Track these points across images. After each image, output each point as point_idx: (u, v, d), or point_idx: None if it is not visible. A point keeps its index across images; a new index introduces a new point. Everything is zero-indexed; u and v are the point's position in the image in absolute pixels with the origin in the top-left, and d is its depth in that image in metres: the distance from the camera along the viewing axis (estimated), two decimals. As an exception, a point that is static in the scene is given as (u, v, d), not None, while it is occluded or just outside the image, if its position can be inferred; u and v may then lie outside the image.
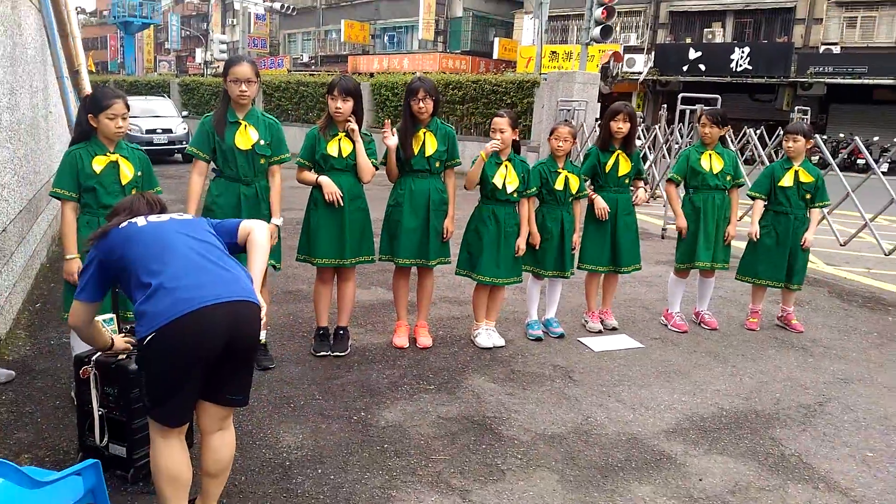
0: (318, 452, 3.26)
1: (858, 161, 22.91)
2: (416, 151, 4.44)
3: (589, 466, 3.24)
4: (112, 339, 2.81)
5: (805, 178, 5.23)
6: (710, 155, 5.19)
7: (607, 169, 5.02)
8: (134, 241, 2.36)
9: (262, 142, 3.98)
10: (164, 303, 2.18)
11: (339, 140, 4.24)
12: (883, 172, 7.69)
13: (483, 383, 4.17)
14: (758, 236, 5.29)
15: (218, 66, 41.82)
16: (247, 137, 3.92)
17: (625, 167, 5.02)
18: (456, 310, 5.60)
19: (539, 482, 3.09)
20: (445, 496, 2.95)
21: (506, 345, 4.80)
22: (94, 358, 2.90)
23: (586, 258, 5.13)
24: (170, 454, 2.39)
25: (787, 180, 5.23)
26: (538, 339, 4.95)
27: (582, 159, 5.32)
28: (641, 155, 12.40)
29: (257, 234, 2.56)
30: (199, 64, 46.17)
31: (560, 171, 4.83)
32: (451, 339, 4.92)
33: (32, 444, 3.19)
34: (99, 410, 2.90)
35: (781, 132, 10.83)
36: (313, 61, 42.35)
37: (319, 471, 3.11)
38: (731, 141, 11.29)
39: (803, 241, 5.25)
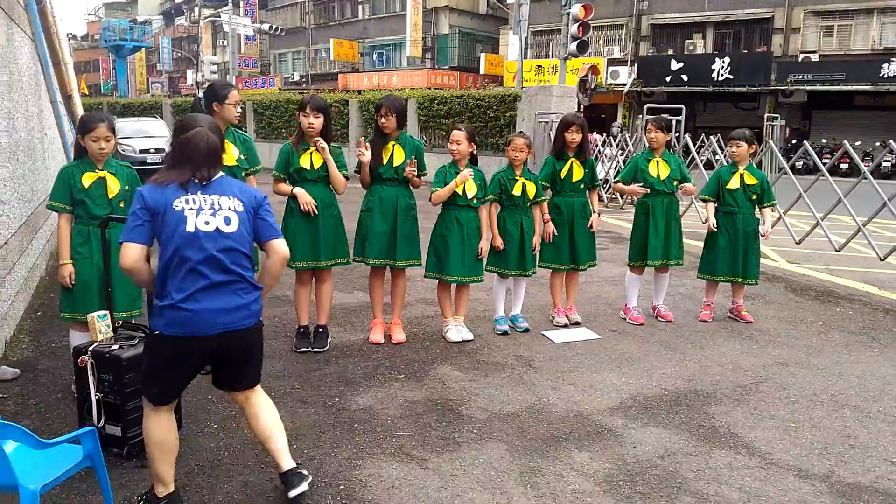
0: (294, 432, 3.63)
1: (842, 165, 23.37)
2: (384, 161, 4.85)
3: (536, 438, 3.62)
4: None
5: (750, 180, 5.65)
6: (657, 162, 5.61)
7: (562, 175, 5.43)
8: (173, 240, 2.62)
9: (241, 157, 4.38)
10: (175, 318, 2.60)
11: (311, 154, 4.65)
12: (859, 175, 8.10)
13: (449, 372, 4.55)
14: (716, 226, 5.65)
15: (210, 87, 42.24)
16: (230, 154, 4.32)
17: (578, 173, 5.44)
18: (431, 310, 5.98)
19: (490, 451, 3.47)
20: (405, 464, 3.33)
21: (474, 339, 5.19)
22: (90, 348, 3.28)
23: (548, 258, 5.53)
24: (157, 423, 2.80)
25: (733, 183, 5.65)
26: (504, 334, 5.34)
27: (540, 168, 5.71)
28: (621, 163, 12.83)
29: (270, 263, 2.89)
30: (191, 85, 46.75)
31: (517, 178, 5.24)
32: (424, 336, 5.30)
33: (38, 430, 3.53)
34: (96, 395, 3.27)
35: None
36: (304, 80, 42.91)
37: (295, 446, 3.47)
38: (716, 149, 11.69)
39: (764, 233, 5.64)
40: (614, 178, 5.72)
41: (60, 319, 4.05)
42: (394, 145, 4.89)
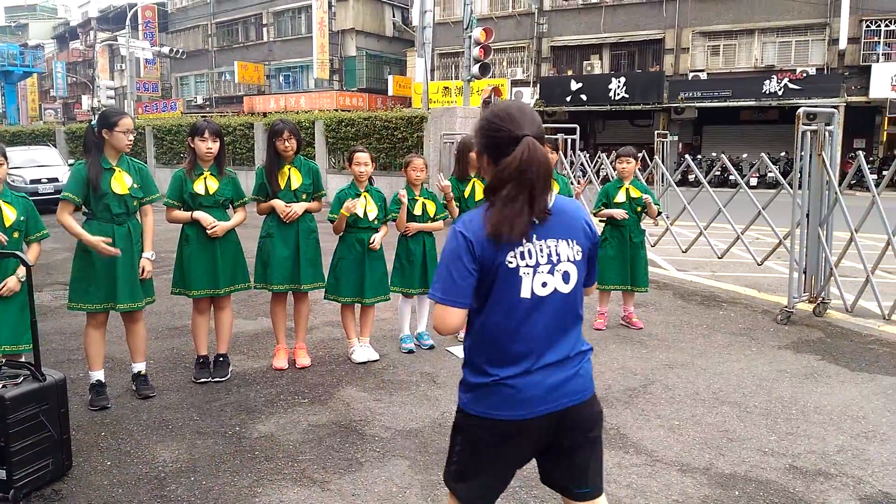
0: (191, 464, 3.59)
1: (730, 177, 24.81)
2: (282, 186, 4.87)
3: (438, 452, 3.71)
4: None
5: (635, 193, 5.99)
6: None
7: (466, 195, 5.58)
8: (499, 306, 1.97)
9: (135, 185, 4.30)
10: (494, 395, 1.98)
11: (205, 178, 4.62)
12: (752, 186, 8.75)
13: (354, 393, 4.59)
14: (624, 215, 5.92)
15: (107, 112, 40.89)
16: (122, 182, 4.23)
17: (481, 192, 5.62)
18: (337, 332, 5.99)
19: (392, 469, 3.53)
20: (306, 488, 3.35)
21: (380, 358, 5.24)
22: (-30, 390, 3.15)
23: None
24: None
25: (620, 197, 5.98)
26: (410, 352, 5.42)
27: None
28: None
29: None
30: (87, 111, 44.96)
31: (417, 198, 5.36)
32: (329, 359, 5.31)
33: (-88, 480, 3.36)
34: (-23, 438, 3.13)
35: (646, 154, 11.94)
36: (208, 103, 42.03)
37: (192, 478, 3.43)
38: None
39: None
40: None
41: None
42: (290, 169, 4.92)
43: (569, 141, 13.08)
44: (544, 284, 1.97)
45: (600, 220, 6.13)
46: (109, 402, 4.34)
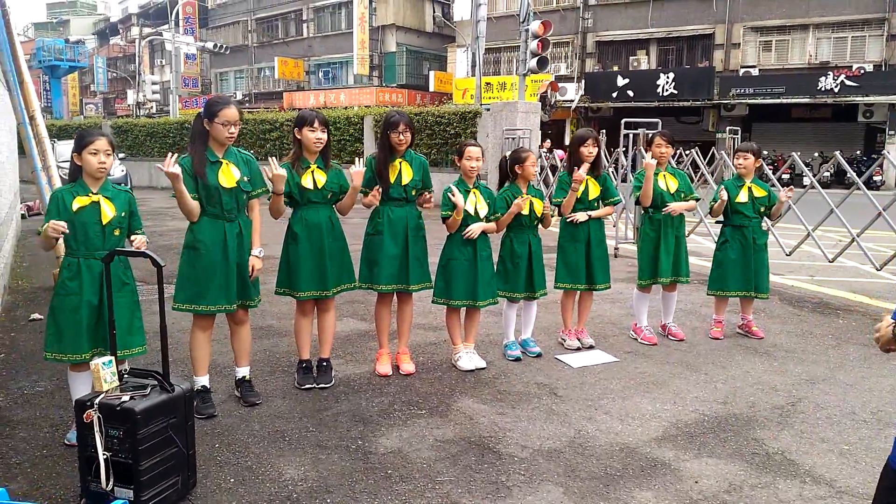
0: (322, 483, 3.26)
1: (784, 176, 24.09)
2: (392, 181, 4.54)
3: (590, 477, 3.34)
4: None
5: (759, 192, 5.53)
6: (664, 175, 5.44)
7: (578, 193, 5.18)
8: None
9: (244, 178, 3.99)
10: None
11: (313, 172, 4.30)
12: (805, 186, 8.26)
13: (473, 404, 4.23)
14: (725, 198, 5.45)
15: (151, 107, 41.24)
16: (230, 175, 3.92)
17: (594, 190, 5.22)
18: (432, 336, 5.66)
19: (546, 495, 3.16)
20: (459, 515, 3.00)
21: (487, 366, 4.89)
22: (97, 401, 2.86)
23: (564, 278, 5.27)
24: None
25: (742, 196, 5.51)
26: (517, 360, 5.05)
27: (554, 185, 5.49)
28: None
29: None
30: (130, 105, 45.34)
31: (525, 196, 4.98)
32: (433, 365, 4.97)
33: (28, 496, 3.08)
34: (104, 454, 2.84)
35: (714, 151, 11.43)
36: (247, 98, 42.08)
37: (328, 501, 3.11)
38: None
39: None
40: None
41: (44, 360, 3.58)
42: (401, 163, 4.59)
43: (642, 135, 12.57)
44: None
45: (717, 222, 5.71)
46: (216, 410, 4.04)
